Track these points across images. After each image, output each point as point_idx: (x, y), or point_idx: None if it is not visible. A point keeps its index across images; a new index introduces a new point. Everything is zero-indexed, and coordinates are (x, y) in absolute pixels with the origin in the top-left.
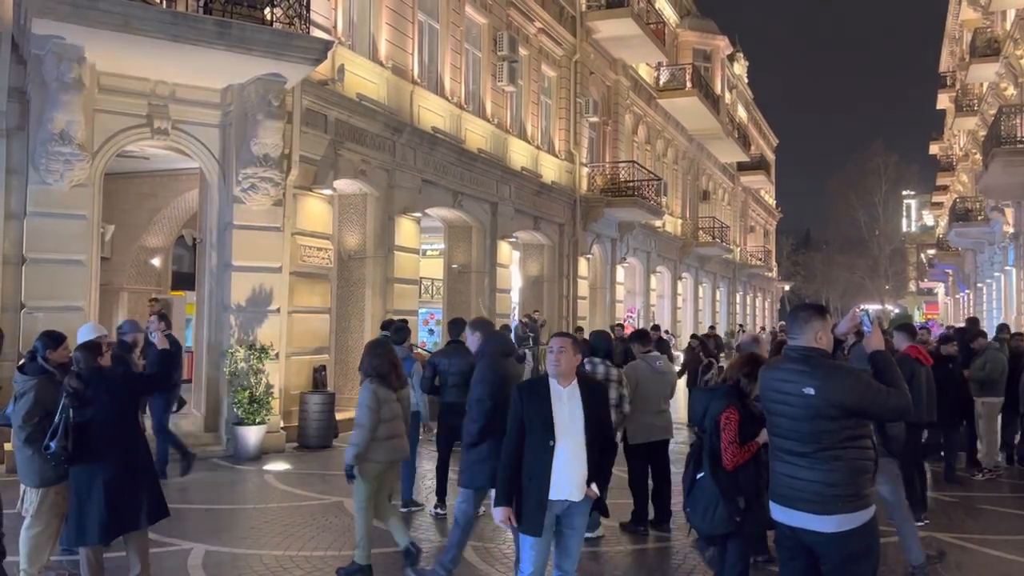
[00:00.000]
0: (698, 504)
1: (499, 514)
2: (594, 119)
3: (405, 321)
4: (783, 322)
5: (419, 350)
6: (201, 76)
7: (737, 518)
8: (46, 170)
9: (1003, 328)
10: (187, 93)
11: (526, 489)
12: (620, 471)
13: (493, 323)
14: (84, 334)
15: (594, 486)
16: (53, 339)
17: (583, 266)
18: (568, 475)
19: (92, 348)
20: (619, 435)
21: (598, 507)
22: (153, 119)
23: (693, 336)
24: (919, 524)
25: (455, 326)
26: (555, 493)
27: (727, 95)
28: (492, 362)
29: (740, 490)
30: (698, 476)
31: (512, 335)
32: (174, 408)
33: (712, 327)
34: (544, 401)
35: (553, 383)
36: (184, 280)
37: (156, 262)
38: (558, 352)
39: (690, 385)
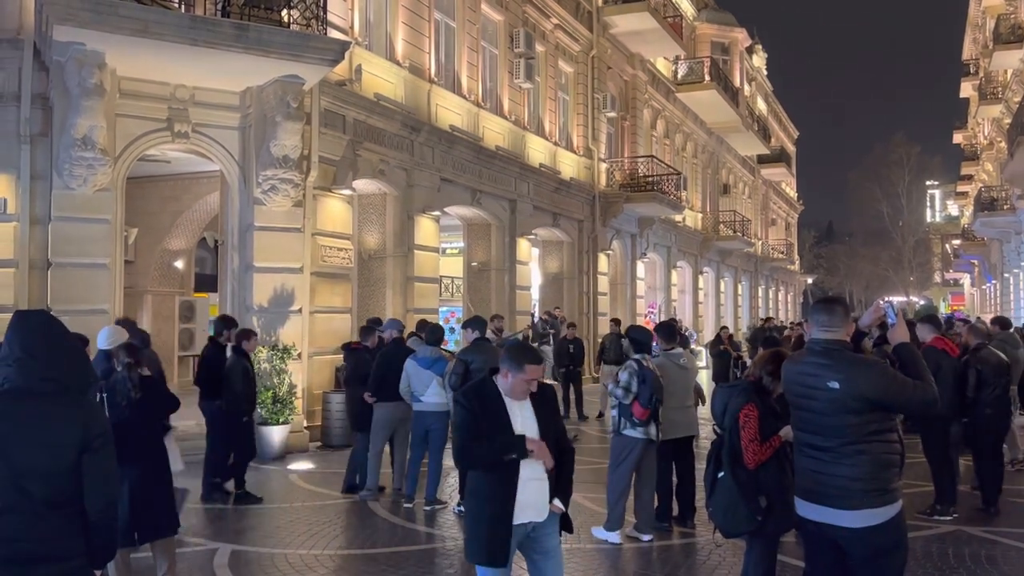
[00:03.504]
0: (719, 503)
1: (533, 444)
2: (612, 114)
3: (438, 323)
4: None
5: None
6: (220, 79)
7: (758, 517)
8: (69, 175)
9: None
10: (206, 96)
11: (482, 514)
12: None
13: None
14: (104, 337)
15: (557, 501)
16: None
17: (603, 262)
18: (532, 494)
19: (133, 350)
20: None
21: (563, 524)
22: (173, 123)
23: (723, 328)
24: (947, 519)
25: (479, 324)
26: (519, 516)
27: (746, 88)
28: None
29: (761, 489)
30: (719, 475)
31: (532, 331)
32: None
33: (768, 318)
34: (499, 408)
35: (503, 388)
36: (207, 282)
37: (179, 264)
38: (535, 379)
39: (718, 380)
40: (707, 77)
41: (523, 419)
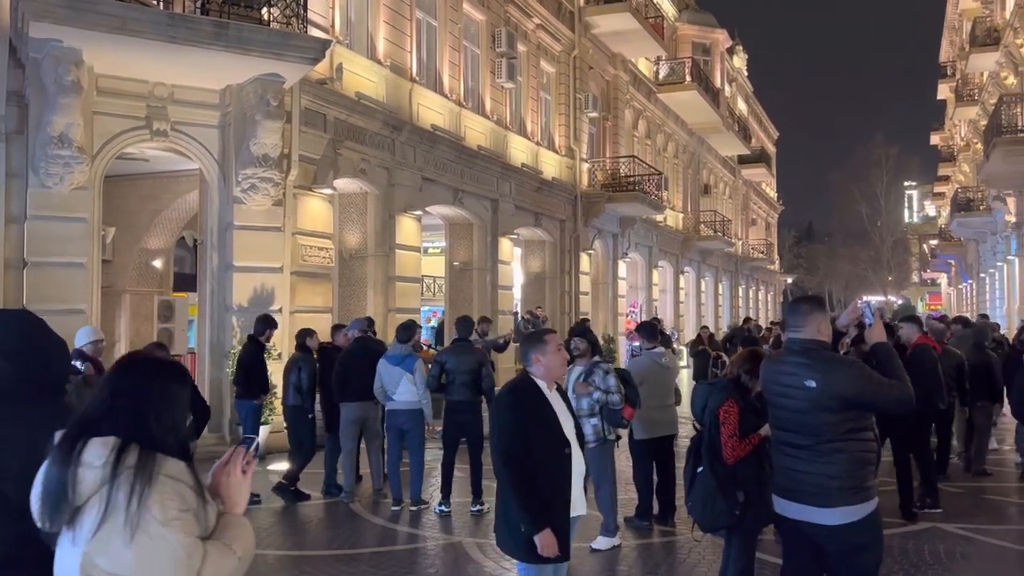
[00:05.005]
0: (698, 497)
1: (546, 539)
2: (594, 114)
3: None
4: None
5: (426, 349)
6: (199, 77)
7: (736, 512)
8: (46, 173)
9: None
10: (185, 94)
11: (544, 511)
12: (624, 466)
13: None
14: (82, 337)
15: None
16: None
17: (585, 262)
18: (579, 487)
19: (161, 347)
20: (625, 431)
21: None
22: (152, 121)
23: (704, 327)
24: (939, 511)
25: (462, 324)
26: (573, 510)
27: (727, 88)
28: None
29: (739, 484)
30: (698, 470)
31: (515, 331)
32: None
33: (747, 319)
34: (545, 405)
35: (542, 385)
36: (186, 281)
37: (158, 264)
38: (561, 349)
39: (698, 378)
40: (688, 78)
41: (562, 412)
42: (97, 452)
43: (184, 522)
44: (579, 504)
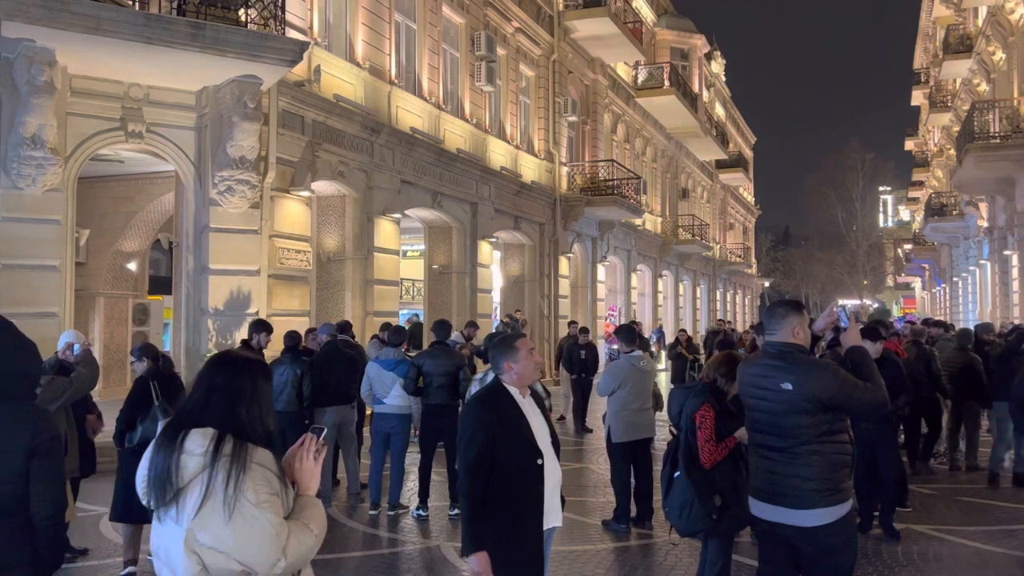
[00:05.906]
0: (675, 502)
1: (480, 563)
2: (573, 118)
3: (398, 325)
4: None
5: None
6: (175, 78)
7: (713, 516)
8: (18, 175)
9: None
10: (161, 95)
11: (518, 528)
12: (603, 469)
13: None
14: (65, 340)
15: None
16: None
17: (564, 265)
18: (554, 498)
19: (151, 348)
20: (604, 433)
21: None
22: (127, 122)
23: (682, 330)
24: (907, 510)
25: (440, 328)
26: (546, 523)
27: (705, 93)
28: None
29: (716, 488)
30: (675, 474)
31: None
32: None
33: (721, 320)
34: (516, 414)
35: (514, 392)
36: (161, 284)
37: (132, 266)
38: (533, 354)
39: (675, 382)
40: (667, 82)
41: (538, 422)
42: (198, 441)
43: (272, 504)
44: (554, 515)
